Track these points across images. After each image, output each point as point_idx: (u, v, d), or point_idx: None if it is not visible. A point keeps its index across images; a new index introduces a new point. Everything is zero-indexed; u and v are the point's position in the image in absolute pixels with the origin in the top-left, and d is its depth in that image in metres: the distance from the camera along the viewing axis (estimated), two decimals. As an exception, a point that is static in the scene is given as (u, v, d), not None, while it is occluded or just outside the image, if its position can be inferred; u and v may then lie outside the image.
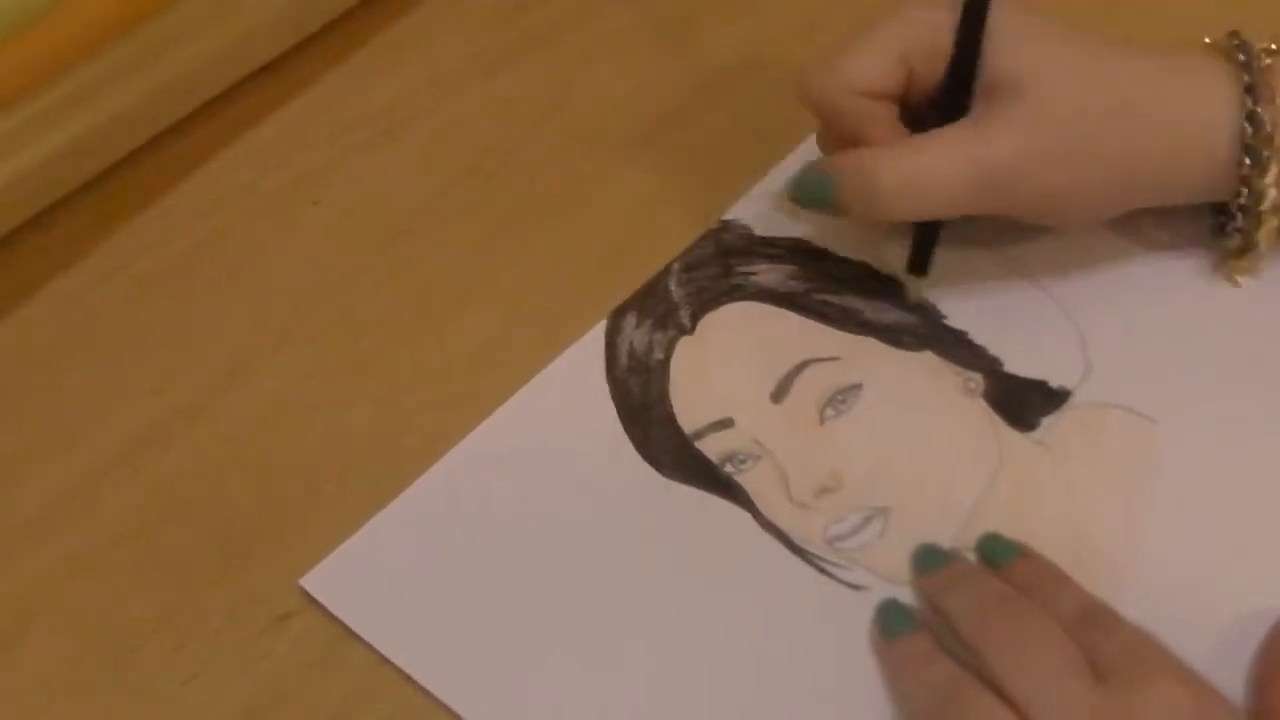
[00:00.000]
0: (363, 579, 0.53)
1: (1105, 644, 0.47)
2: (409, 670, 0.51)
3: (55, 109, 0.60)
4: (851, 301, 0.59)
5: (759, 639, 0.52)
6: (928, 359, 0.57)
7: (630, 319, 0.59)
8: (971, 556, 0.53)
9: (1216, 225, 0.58)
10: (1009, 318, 0.58)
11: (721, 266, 0.60)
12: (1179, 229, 0.59)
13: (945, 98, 0.56)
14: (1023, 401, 0.56)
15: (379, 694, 0.51)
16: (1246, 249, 0.58)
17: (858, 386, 0.57)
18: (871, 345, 0.58)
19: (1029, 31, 0.55)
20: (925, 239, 0.58)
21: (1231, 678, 0.49)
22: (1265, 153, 0.55)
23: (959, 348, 0.58)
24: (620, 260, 0.60)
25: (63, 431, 0.57)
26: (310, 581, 0.53)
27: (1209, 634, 0.50)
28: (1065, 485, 0.54)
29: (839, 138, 0.58)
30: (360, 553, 0.54)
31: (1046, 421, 0.56)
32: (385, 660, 0.51)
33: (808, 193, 0.57)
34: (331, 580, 0.53)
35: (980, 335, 0.58)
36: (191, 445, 0.57)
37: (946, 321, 0.58)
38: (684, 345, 0.58)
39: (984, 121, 0.55)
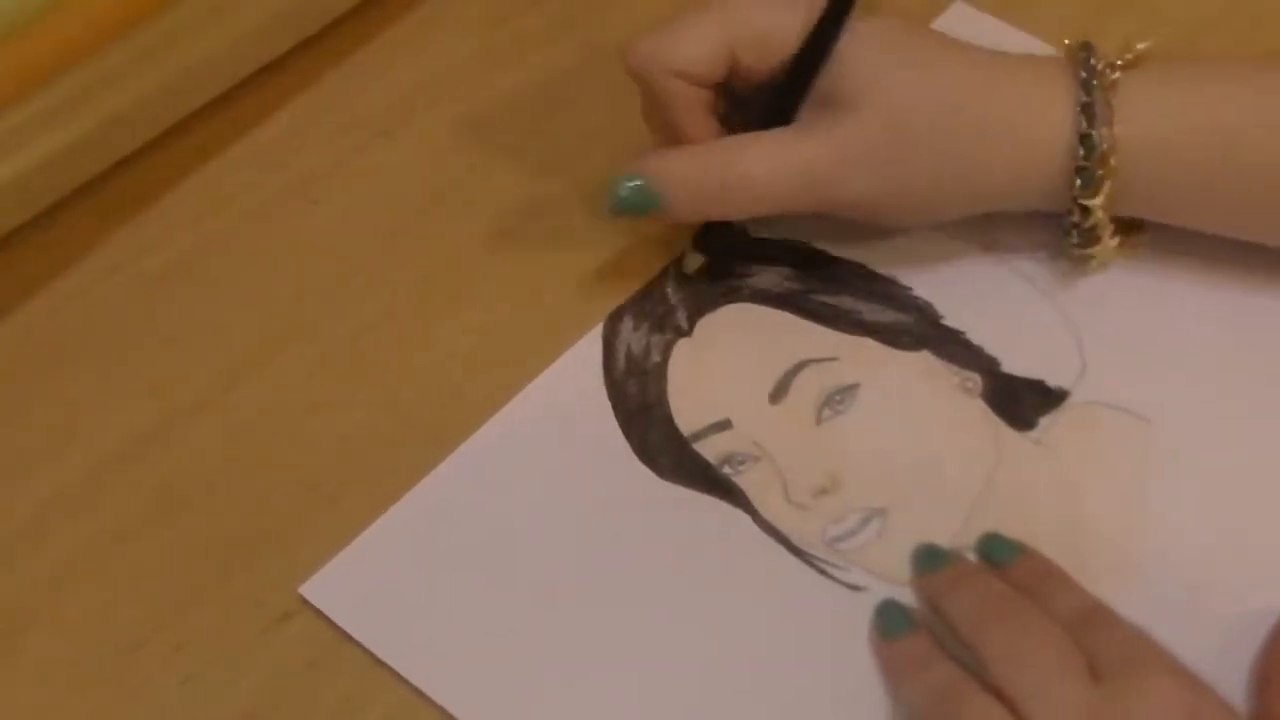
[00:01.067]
0: (361, 585, 0.53)
1: (1104, 644, 0.47)
2: (407, 675, 0.51)
3: (55, 109, 0.60)
4: (848, 302, 0.59)
5: (758, 640, 0.52)
6: (925, 359, 0.57)
7: (628, 322, 0.59)
8: (970, 556, 0.53)
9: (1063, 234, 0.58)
10: (1006, 317, 0.58)
11: (718, 268, 0.60)
12: (1030, 235, 0.59)
13: (776, 103, 0.55)
14: (1020, 401, 0.56)
15: (378, 695, 0.51)
16: (1088, 261, 0.58)
17: (855, 387, 0.57)
18: (869, 345, 0.58)
19: (865, 41, 0.55)
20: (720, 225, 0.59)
21: (1231, 678, 0.49)
22: (1099, 172, 0.54)
23: (956, 347, 0.58)
24: (617, 262, 0.60)
25: (63, 431, 0.57)
26: (309, 589, 0.53)
27: (1208, 634, 0.50)
28: (1062, 484, 0.55)
29: (654, 114, 0.58)
30: (358, 559, 0.54)
31: (1044, 421, 0.56)
32: (384, 662, 0.52)
33: (632, 201, 0.57)
34: (330, 587, 0.53)
35: (978, 335, 0.58)
36: (191, 445, 0.57)
37: (944, 321, 0.58)
38: (682, 347, 0.58)
39: (809, 129, 0.55)
